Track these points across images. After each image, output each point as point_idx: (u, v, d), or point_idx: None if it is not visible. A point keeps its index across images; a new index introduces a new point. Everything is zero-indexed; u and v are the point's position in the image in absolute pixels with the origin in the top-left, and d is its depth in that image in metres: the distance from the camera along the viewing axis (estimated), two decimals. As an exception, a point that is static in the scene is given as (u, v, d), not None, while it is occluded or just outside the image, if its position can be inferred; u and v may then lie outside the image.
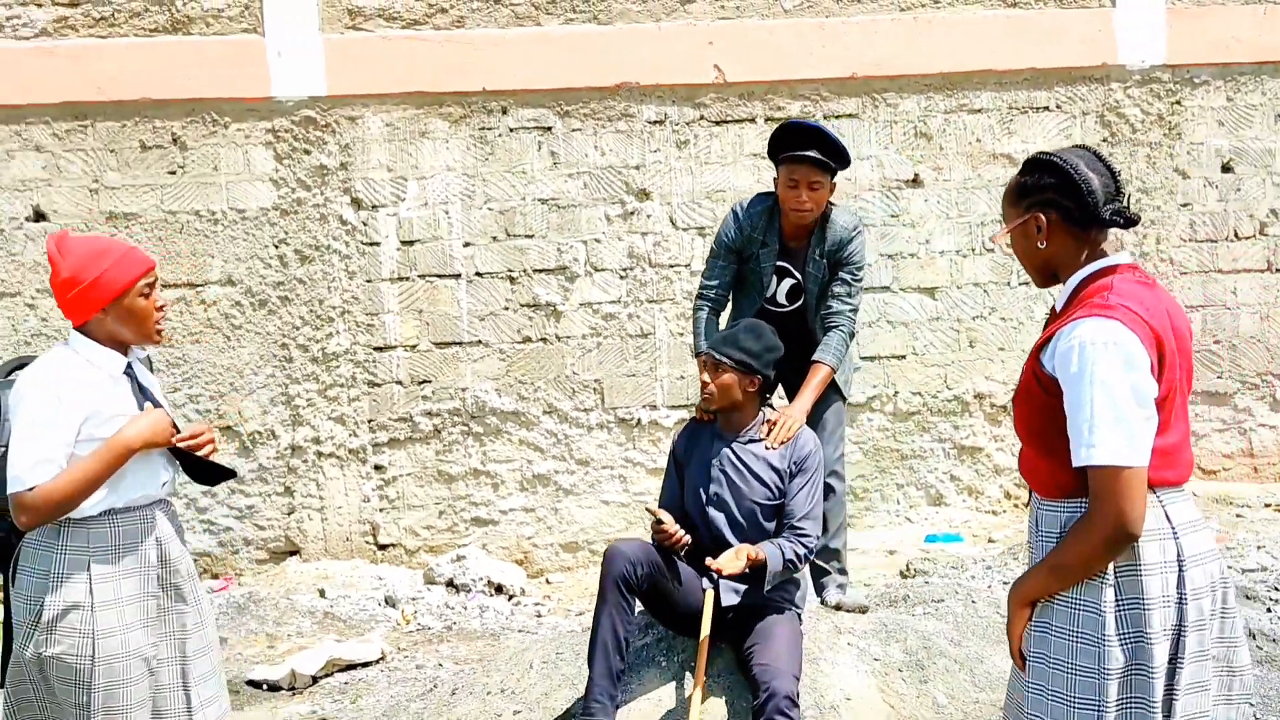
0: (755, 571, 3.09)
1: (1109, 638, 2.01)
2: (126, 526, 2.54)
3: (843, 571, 3.82)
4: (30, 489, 2.38)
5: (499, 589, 5.73)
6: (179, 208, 6.18)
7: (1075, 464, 2.02)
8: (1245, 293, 6.67)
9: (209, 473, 2.68)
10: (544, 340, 6.36)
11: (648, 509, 3.26)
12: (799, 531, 3.18)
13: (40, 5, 6.08)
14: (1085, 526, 2.02)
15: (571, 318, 6.35)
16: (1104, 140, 6.55)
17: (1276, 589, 3.84)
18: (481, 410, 6.35)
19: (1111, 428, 1.97)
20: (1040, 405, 2.11)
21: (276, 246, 6.23)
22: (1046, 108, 6.54)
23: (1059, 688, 2.07)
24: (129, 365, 2.59)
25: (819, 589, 3.82)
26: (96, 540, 2.50)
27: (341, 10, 6.18)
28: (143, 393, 2.60)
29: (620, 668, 3.02)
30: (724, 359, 3.29)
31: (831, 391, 3.81)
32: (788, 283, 3.83)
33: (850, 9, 6.41)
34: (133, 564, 2.53)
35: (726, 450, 3.34)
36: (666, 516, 3.16)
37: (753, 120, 6.41)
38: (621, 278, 6.37)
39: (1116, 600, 2.03)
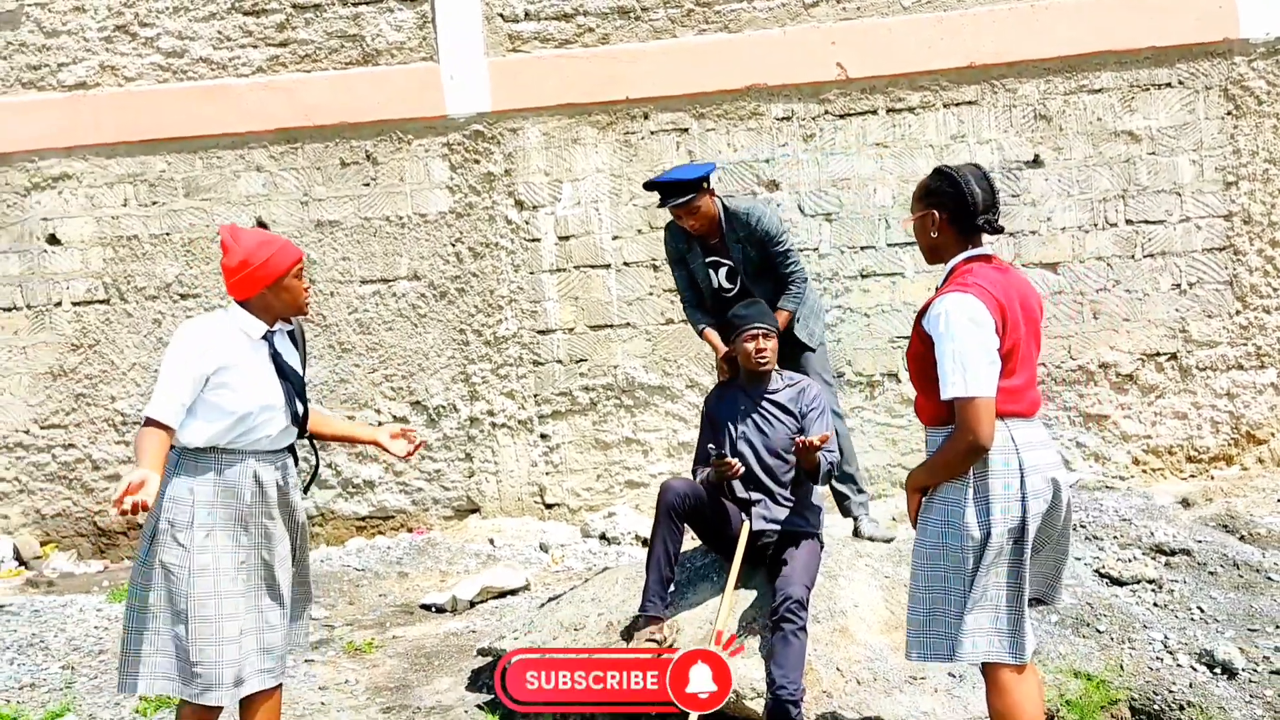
0: (810, 474, 3.81)
1: (968, 524, 2.71)
2: (229, 466, 3.04)
3: (860, 491, 4.49)
4: (147, 420, 2.94)
5: (645, 541, 6.48)
6: (373, 214, 7.21)
7: (942, 398, 2.71)
8: (1385, 258, 6.64)
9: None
10: (685, 322, 7.04)
11: (710, 447, 3.95)
12: (824, 453, 3.85)
13: (255, 47, 7.21)
14: (951, 439, 2.73)
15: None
16: (1229, 113, 6.66)
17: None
18: (631, 385, 7.11)
19: (963, 371, 2.67)
20: (923, 358, 2.81)
21: (453, 245, 7.17)
22: (1168, 84, 6.71)
23: (935, 563, 2.77)
24: (269, 332, 3.13)
25: (844, 511, 4.48)
26: (201, 471, 3.02)
27: (503, 36, 7.04)
28: (277, 356, 3.15)
29: (670, 576, 3.76)
30: (770, 329, 4.01)
31: (798, 349, 4.55)
32: (723, 270, 4.57)
33: (967, 1, 6.78)
34: (229, 498, 3.03)
35: (753, 402, 4.09)
36: (736, 462, 3.85)
37: (874, 112, 6.89)
38: (754, 263, 6.98)
39: (974, 496, 2.72)
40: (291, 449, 3.25)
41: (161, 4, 7.17)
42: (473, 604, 5.25)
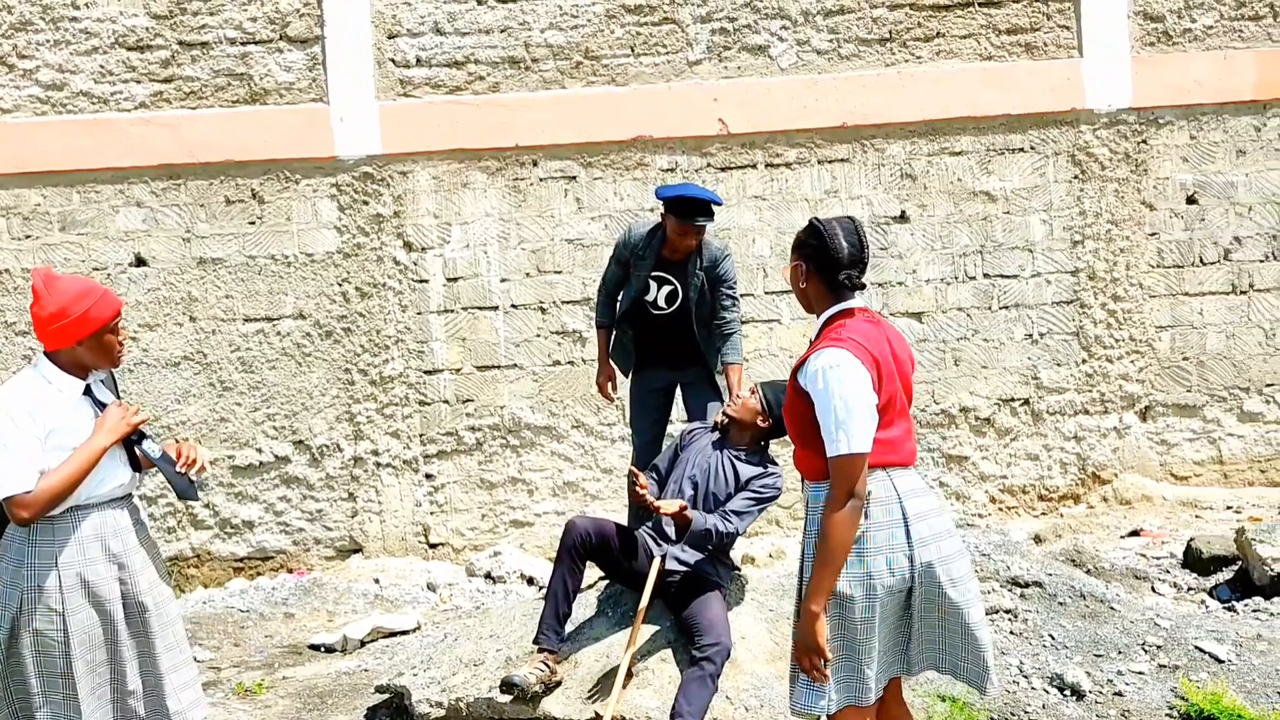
0: (681, 529, 3.94)
1: (846, 580, 2.75)
2: (88, 521, 2.96)
3: None
4: (27, 492, 2.82)
5: (530, 580, 6.59)
6: (258, 253, 7.19)
7: (829, 456, 2.76)
8: (1211, 314, 7.28)
9: (185, 488, 3.07)
10: (571, 363, 7.23)
11: (632, 469, 4.11)
12: (725, 515, 4.01)
13: (139, 82, 7.15)
14: (828, 506, 2.74)
15: (595, 343, 7.20)
16: (1075, 177, 7.23)
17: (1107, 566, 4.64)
18: (518, 425, 7.23)
19: (843, 428, 2.73)
20: (801, 413, 2.86)
21: (340, 285, 7.20)
22: (1021, 149, 7.25)
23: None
24: (87, 387, 3.01)
25: None
26: (62, 534, 2.93)
27: (394, 80, 7.15)
28: (102, 409, 3.03)
29: (566, 612, 3.93)
30: (761, 390, 4.23)
31: (710, 389, 4.84)
32: (666, 289, 4.80)
33: (840, 66, 7.20)
34: (96, 552, 2.96)
35: (718, 452, 4.25)
36: (645, 480, 4.01)
37: (754, 167, 7.23)
38: (638, 308, 7.21)
39: (855, 552, 2.76)
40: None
41: (41, 37, 7.05)
42: (363, 643, 5.29)
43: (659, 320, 4.85)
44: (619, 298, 5.04)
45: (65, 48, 7.07)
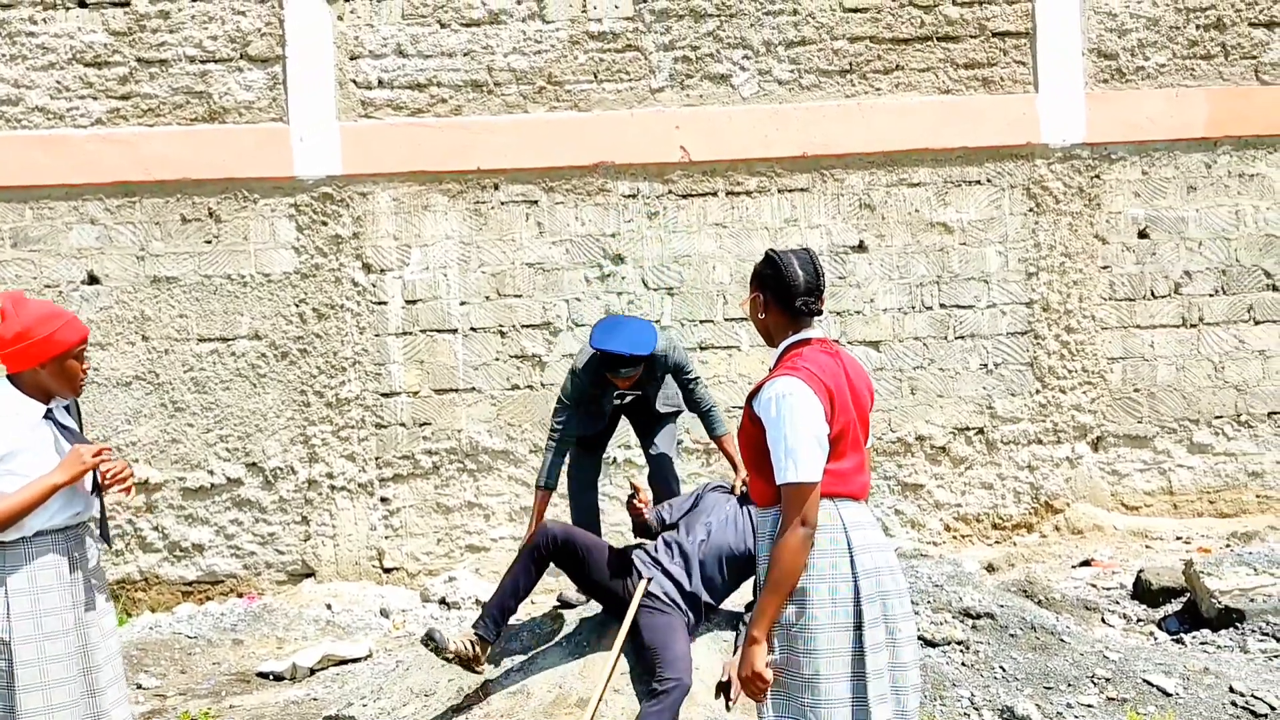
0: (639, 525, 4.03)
1: (788, 612, 2.75)
2: (40, 549, 2.91)
3: None
4: None
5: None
6: (214, 272, 7.11)
7: (777, 483, 2.77)
8: (1162, 346, 7.40)
9: (102, 527, 3.08)
10: (530, 387, 7.21)
11: (632, 479, 4.12)
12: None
13: (95, 98, 7.07)
14: (780, 533, 2.75)
15: (555, 367, 7.20)
16: (1030, 210, 7.34)
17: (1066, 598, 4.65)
18: (475, 449, 7.19)
19: (792, 457, 2.73)
20: (755, 440, 2.86)
21: (297, 306, 7.14)
22: (978, 181, 7.35)
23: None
24: (49, 411, 2.97)
25: None
26: (13, 561, 2.87)
27: (355, 101, 7.13)
28: (65, 432, 3.00)
29: (511, 607, 4.02)
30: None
31: (672, 421, 4.87)
32: (628, 397, 4.66)
33: (801, 96, 7.27)
34: (49, 580, 2.91)
35: (738, 506, 4.30)
36: (645, 491, 4.03)
37: (715, 194, 7.27)
38: (598, 333, 7.21)
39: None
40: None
41: (-4, 49, 6.96)
42: (313, 671, 5.21)
43: (623, 408, 4.82)
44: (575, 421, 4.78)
45: (21, 63, 6.99)
